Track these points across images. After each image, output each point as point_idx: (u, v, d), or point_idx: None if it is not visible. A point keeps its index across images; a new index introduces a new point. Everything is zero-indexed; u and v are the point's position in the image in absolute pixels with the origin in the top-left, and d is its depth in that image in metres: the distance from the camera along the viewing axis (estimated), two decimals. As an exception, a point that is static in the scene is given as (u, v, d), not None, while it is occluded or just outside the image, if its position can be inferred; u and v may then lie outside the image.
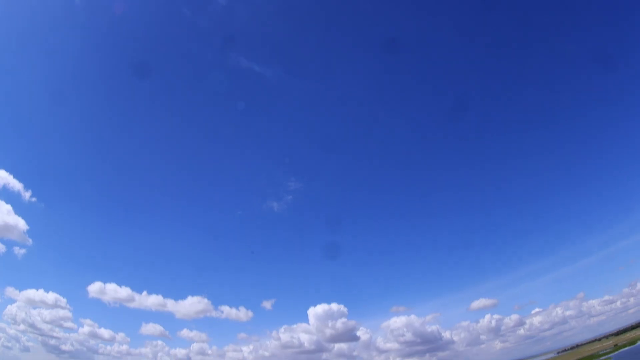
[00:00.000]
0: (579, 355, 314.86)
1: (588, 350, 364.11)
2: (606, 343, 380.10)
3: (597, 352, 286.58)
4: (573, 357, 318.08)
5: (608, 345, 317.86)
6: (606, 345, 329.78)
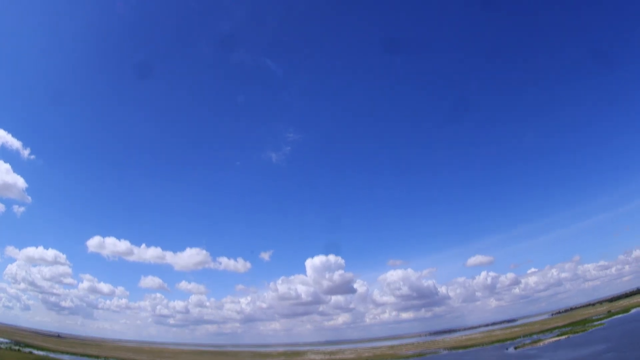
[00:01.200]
0: (573, 319, 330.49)
1: (582, 314, 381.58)
2: (600, 308, 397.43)
3: (590, 317, 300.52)
4: (567, 320, 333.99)
5: (602, 311, 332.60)
6: (600, 311, 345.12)
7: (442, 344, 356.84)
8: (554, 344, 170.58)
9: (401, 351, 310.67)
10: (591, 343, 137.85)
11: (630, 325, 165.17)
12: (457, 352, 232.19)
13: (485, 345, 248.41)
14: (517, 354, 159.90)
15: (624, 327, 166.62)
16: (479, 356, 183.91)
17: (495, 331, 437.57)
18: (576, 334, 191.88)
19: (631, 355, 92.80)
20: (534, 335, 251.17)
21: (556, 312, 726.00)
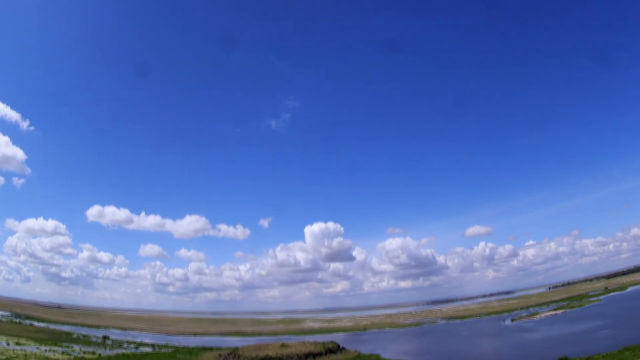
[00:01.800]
0: (570, 293, 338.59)
1: (579, 289, 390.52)
2: (597, 284, 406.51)
3: (587, 292, 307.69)
4: (564, 295, 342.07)
5: (599, 287, 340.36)
6: (597, 287, 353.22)
7: (440, 313, 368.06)
8: (551, 317, 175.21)
9: (399, 320, 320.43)
10: (587, 319, 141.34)
11: (627, 303, 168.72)
12: (455, 322, 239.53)
13: (482, 316, 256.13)
14: (514, 326, 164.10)
15: (621, 304, 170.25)
16: (476, 327, 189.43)
17: (493, 302, 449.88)
18: (573, 308, 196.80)
19: (627, 333, 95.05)
20: (531, 308, 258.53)
21: (553, 285, 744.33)
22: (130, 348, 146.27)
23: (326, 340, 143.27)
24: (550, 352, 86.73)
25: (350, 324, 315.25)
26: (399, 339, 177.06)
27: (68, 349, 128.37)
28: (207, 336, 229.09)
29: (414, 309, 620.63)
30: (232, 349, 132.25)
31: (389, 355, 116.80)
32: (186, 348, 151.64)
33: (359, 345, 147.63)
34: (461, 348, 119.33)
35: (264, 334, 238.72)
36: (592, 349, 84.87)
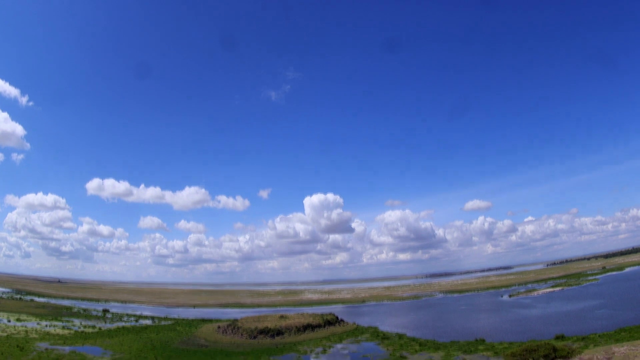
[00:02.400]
0: (568, 271, 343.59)
1: (577, 267, 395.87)
2: (595, 264, 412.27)
3: (585, 271, 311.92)
4: (561, 272, 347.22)
5: (597, 266, 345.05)
6: (595, 266, 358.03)
7: (438, 287, 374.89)
8: (548, 294, 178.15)
9: (397, 293, 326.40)
10: (585, 297, 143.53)
11: (624, 284, 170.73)
12: (453, 296, 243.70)
13: (480, 291, 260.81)
14: (512, 302, 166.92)
15: (618, 285, 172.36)
16: (474, 301, 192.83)
17: (491, 277, 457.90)
18: (570, 287, 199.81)
19: (624, 314, 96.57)
20: (529, 284, 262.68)
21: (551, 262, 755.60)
22: (130, 321, 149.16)
23: (325, 312, 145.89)
24: (547, 330, 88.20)
25: (349, 296, 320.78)
26: (397, 311, 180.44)
27: (68, 323, 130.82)
28: (207, 308, 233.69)
29: (412, 281, 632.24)
30: (231, 321, 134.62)
31: (387, 328, 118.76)
32: (185, 320, 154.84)
33: (358, 317, 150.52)
34: (459, 322, 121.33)
35: (262, 306, 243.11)
36: (588, 328, 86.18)
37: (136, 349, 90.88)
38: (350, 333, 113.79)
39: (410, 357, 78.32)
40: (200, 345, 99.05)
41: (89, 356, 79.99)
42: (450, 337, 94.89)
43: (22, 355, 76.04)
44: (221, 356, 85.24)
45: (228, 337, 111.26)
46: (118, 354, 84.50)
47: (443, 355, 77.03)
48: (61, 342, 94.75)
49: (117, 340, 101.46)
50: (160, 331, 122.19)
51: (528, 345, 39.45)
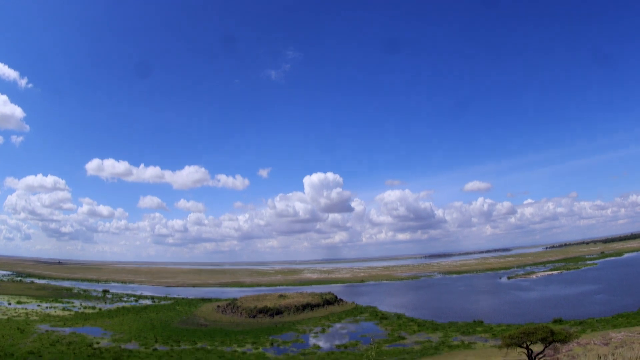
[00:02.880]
0: (567, 255, 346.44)
1: (575, 251, 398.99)
2: (594, 248, 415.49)
3: (583, 255, 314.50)
4: (560, 256, 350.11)
5: (595, 251, 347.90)
6: (593, 251, 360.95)
7: (437, 267, 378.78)
8: (547, 278, 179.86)
9: (396, 273, 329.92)
10: (583, 282, 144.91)
11: (623, 270, 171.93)
12: (451, 277, 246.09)
13: (479, 272, 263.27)
14: (510, 284, 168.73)
15: (616, 270, 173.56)
16: (473, 282, 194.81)
17: (490, 259, 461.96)
18: (569, 270, 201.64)
19: (622, 300, 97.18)
20: (527, 267, 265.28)
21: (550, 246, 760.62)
22: (130, 301, 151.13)
23: (324, 292, 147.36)
24: (545, 313, 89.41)
25: (348, 275, 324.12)
26: (396, 291, 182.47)
27: (69, 304, 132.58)
28: (206, 287, 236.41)
29: (411, 262, 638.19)
30: (231, 300, 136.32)
31: (385, 308, 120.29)
32: (185, 300, 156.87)
33: (356, 297, 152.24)
34: (457, 304, 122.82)
35: (262, 285, 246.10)
36: (586, 312, 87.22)
37: (136, 329, 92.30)
38: (349, 312, 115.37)
39: (408, 337, 79.57)
40: (200, 325, 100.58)
41: (89, 337, 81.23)
42: (449, 318, 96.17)
43: (23, 337, 77.19)
44: (220, 335, 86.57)
45: (227, 317, 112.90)
46: (118, 334, 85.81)
47: (441, 336, 78.28)
48: (61, 323, 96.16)
49: (117, 321, 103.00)
50: (160, 311, 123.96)
51: (526, 328, 39.86)
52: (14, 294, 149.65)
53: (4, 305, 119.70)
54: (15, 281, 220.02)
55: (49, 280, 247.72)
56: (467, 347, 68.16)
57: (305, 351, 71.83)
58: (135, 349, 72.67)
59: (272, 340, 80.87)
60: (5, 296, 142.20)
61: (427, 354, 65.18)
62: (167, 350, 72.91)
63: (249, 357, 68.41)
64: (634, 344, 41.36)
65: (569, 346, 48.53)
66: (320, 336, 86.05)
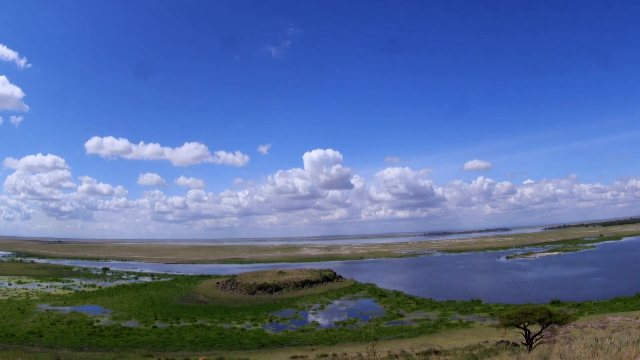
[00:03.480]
0: (565, 236, 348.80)
1: (574, 233, 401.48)
2: (592, 231, 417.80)
3: (582, 237, 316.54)
4: (559, 237, 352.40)
5: (594, 234, 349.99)
6: (592, 233, 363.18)
7: (436, 245, 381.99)
8: (545, 258, 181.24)
9: (395, 250, 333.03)
10: (581, 264, 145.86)
11: (621, 254, 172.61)
12: (450, 255, 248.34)
13: (478, 251, 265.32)
14: (509, 264, 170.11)
15: (615, 254, 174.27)
16: (471, 261, 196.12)
17: (489, 238, 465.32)
18: (567, 252, 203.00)
19: (619, 284, 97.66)
20: (526, 247, 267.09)
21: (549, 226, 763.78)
22: (130, 279, 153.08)
23: (323, 268, 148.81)
24: (543, 294, 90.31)
25: (347, 252, 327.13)
26: (394, 269, 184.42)
27: (69, 283, 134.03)
28: (206, 264, 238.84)
29: (410, 239, 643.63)
30: (230, 276, 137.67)
31: (384, 286, 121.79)
32: (185, 276, 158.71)
33: (355, 274, 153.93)
34: (456, 282, 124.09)
35: (261, 261, 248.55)
36: (584, 295, 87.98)
37: (136, 307, 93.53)
38: (348, 289, 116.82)
39: (407, 315, 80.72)
40: (200, 302, 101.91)
41: (89, 315, 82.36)
42: (447, 297, 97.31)
43: (24, 317, 78.25)
44: (220, 312, 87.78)
45: (227, 293, 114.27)
46: (118, 312, 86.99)
47: (439, 314, 79.37)
48: (62, 302, 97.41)
49: (117, 299, 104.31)
50: (160, 288, 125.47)
51: (524, 309, 40.04)
52: (14, 274, 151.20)
53: (5, 286, 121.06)
54: (16, 261, 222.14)
55: (49, 260, 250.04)
56: (465, 326, 69.21)
57: (304, 328, 73.02)
58: (135, 327, 73.86)
59: (271, 317, 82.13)
60: (6, 277, 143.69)
61: (425, 332, 66.22)
62: (166, 327, 74.10)
63: (248, 333, 69.53)
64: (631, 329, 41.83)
65: (566, 328, 49.18)
66: (319, 313, 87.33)
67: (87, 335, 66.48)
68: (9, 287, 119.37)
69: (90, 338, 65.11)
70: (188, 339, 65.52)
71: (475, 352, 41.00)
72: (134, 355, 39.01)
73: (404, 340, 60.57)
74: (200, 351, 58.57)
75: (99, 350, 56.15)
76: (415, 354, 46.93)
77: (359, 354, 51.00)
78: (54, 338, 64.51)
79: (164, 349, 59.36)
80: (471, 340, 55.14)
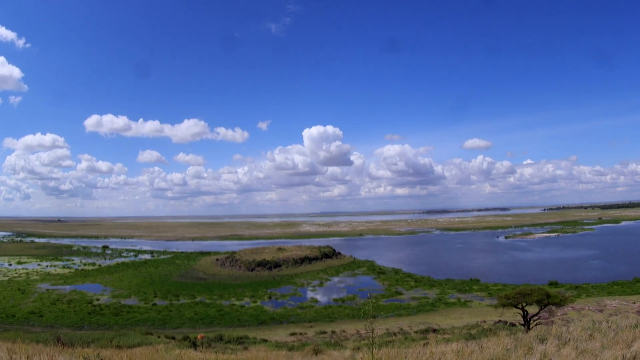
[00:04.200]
0: (564, 218, 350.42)
1: (573, 215, 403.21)
2: (592, 213, 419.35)
3: (581, 219, 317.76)
4: (558, 218, 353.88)
5: (593, 216, 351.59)
6: (591, 216, 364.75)
7: (435, 223, 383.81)
8: (544, 239, 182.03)
9: (394, 227, 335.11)
10: (580, 246, 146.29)
11: (620, 238, 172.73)
12: (449, 234, 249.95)
13: (477, 230, 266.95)
14: (508, 244, 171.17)
15: (614, 237, 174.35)
16: (470, 240, 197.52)
17: (488, 217, 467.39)
18: (566, 234, 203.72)
19: (617, 268, 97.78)
20: (525, 227, 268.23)
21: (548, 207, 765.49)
22: (130, 256, 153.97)
23: (322, 245, 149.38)
24: (541, 275, 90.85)
25: (346, 229, 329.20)
26: (393, 246, 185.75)
27: (68, 262, 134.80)
28: (205, 240, 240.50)
29: (409, 217, 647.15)
30: (230, 253, 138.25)
31: (383, 263, 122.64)
32: (184, 253, 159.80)
33: (355, 250, 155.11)
34: (454, 261, 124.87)
35: (261, 238, 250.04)
36: (582, 277, 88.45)
37: (135, 284, 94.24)
38: (347, 266, 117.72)
39: (405, 293, 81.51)
40: (199, 279, 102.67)
41: (89, 294, 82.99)
42: (446, 275, 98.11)
43: (24, 298, 78.81)
44: (219, 289, 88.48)
45: (226, 270, 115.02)
46: (118, 290, 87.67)
47: (438, 292, 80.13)
48: (62, 281, 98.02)
49: (116, 277, 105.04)
50: (159, 265, 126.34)
51: (522, 289, 40.33)
52: (14, 255, 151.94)
53: (5, 267, 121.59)
54: (16, 242, 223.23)
55: (49, 239, 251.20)
56: (464, 305, 69.91)
57: (303, 305, 73.75)
58: (135, 305, 74.57)
59: (270, 294, 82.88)
60: (6, 257, 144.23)
61: (423, 311, 66.95)
62: (166, 304, 74.82)
63: (248, 310, 70.26)
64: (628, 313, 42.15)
65: (563, 310, 49.60)
66: (318, 290, 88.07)
67: (87, 314, 67.18)
68: (9, 268, 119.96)
69: (90, 317, 65.83)
70: (187, 316, 66.25)
71: (473, 331, 41.40)
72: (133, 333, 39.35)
73: (402, 318, 61.31)
74: (199, 328, 59.29)
75: (99, 329, 56.75)
76: (414, 332, 47.50)
77: (358, 331, 51.64)
78: (54, 318, 65.17)
79: (163, 327, 60.06)
80: (469, 319, 55.74)
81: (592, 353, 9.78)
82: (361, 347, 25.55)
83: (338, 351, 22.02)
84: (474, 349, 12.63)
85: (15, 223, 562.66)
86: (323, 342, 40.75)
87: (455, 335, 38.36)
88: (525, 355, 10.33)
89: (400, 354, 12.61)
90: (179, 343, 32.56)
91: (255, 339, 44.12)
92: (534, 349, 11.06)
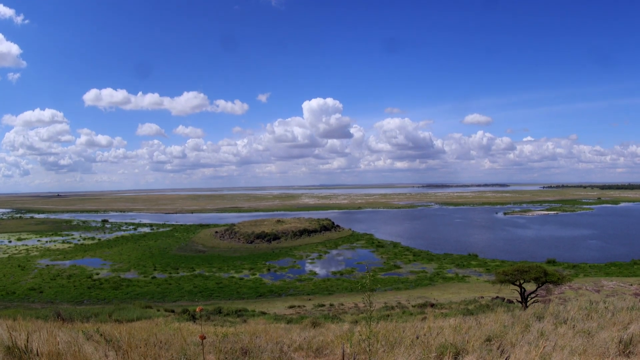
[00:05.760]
0: (563, 196, 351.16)
1: (572, 194, 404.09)
2: (591, 193, 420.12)
3: (580, 198, 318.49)
4: (558, 196, 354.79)
5: (592, 196, 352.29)
6: (590, 195, 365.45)
7: (434, 197, 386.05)
8: (543, 217, 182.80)
9: (393, 201, 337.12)
10: (578, 225, 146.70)
11: (618, 219, 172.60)
12: (448, 208, 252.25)
13: (476, 206, 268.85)
14: (506, 220, 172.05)
15: (612, 218, 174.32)
16: (469, 215, 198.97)
17: (487, 193, 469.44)
18: (565, 212, 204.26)
19: (615, 249, 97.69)
20: (524, 204, 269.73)
21: (547, 185, 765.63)
22: (129, 230, 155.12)
23: (321, 217, 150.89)
24: (539, 252, 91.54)
25: (345, 201, 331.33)
26: (392, 220, 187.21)
27: (68, 237, 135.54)
28: (204, 213, 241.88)
29: (408, 190, 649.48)
30: (229, 225, 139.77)
31: (382, 236, 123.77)
32: (183, 226, 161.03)
33: (353, 223, 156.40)
34: (453, 236, 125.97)
35: (260, 210, 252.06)
36: (579, 256, 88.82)
37: (135, 258, 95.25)
38: (345, 239, 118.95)
39: (404, 266, 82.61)
40: (198, 251, 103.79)
41: (88, 268, 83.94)
42: (444, 250, 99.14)
43: (24, 274, 79.56)
44: (218, 262, 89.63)
45: (225, 242, 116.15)
46: (117, 264, 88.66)
47: (436, 267, 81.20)
48: (61, 256, 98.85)
49: (116, 250, 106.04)
50: (159, 238, 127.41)
51: (520, 266, 40.64)
52: (14, 231, 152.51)
53: (5, 244, 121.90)
54: (15, 218, 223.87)
55: (49, 214, 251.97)
56: (461, 280, 70.96)
57: (301, 277, 74.96)
58: (135, 278, 75.63)
59: (269, 266, 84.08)
60: (6, 234, 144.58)
61: (421, 285, 68.00)
62: (165, 277, 75.89)
63: (247, 283, 71.35)
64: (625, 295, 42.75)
65: (561, 289, 50.30)
66: (316, 262, 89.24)
67: (87, 289, 68.18)
68: (9, 245, 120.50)
69: (90, 291, 66.86)
70: (187, 289, 67.30)
71: (471, 307, 42.05)
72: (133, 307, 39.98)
73: (400, 292, 62.30)
74: (198, 301, 60.31)
75: (99, 303, 57.71)
76: (412, 306, 48.23)
77: (356, 305, 52.49)
78: (54, 293, 66.09)
79: (162, 300, 61.09)
80: (467, 294, 56.59)
81: (588, 333, 9.89)
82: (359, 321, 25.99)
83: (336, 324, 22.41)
84: (472, 325, 12.84)
85: (15, 199, 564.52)
86: (321, 315, 41.47)
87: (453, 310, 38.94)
88: (523, 332, 10.45)
89: (398, 328, 12.81)
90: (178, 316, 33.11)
91: (254, 312, 44.89)
92: (531, 326, 11.21)
